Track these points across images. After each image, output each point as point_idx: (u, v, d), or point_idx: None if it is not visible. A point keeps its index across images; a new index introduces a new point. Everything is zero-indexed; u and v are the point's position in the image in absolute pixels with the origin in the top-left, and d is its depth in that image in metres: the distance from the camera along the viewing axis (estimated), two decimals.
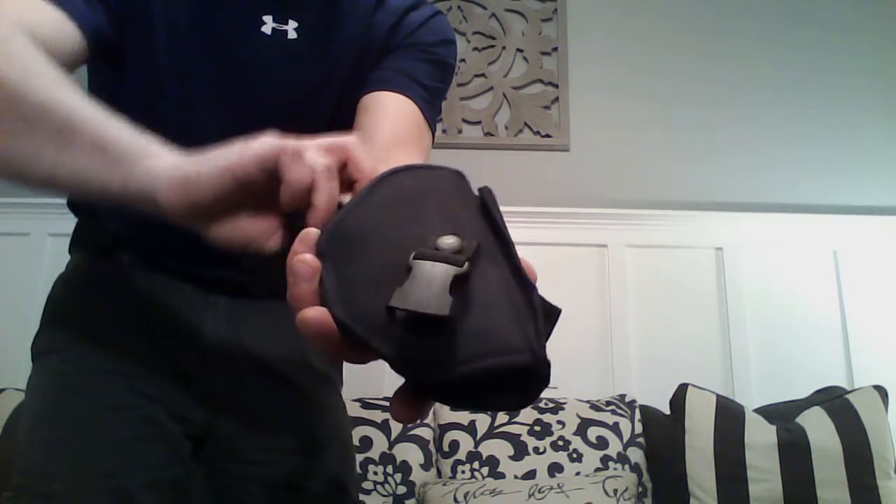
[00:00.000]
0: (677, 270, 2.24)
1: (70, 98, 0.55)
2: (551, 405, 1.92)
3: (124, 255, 0.83)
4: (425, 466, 1.83)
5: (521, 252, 0.38)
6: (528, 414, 1.89)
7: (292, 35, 0.80)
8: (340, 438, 0.91)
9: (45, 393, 0.79)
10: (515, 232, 0.40)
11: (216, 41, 0.78)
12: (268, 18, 0.79)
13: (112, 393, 0.78)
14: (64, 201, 0.85)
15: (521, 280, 0.37)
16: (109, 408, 0.77)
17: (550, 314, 0.38)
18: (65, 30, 0.67)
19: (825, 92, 2.44)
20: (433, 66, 0.84)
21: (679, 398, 1.88)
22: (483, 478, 1.79)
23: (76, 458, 0.74)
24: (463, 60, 2.46)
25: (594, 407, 1.92)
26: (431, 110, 0.82)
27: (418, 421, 0.48)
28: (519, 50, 2.49)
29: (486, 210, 0.43)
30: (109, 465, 0.75)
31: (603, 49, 2.48)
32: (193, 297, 0.83)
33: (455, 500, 1.65)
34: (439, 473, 1.85)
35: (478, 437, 1.85)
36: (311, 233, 0.42)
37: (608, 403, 1.95)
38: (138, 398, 0.78)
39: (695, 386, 1.89)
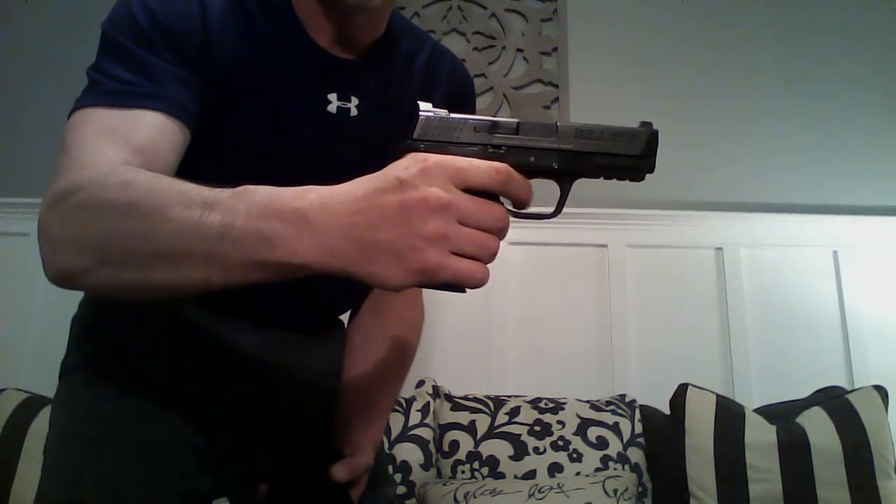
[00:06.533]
0: (677, 270, 2.24)
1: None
2: (551, 405, 1.92)
3: None
4: (425, 466, 1.83)
5: (522, 252, 0.38)
6: (528, 414, 1.89)
7: (354, 112, 0.79)
8: None
9: (73, 407, 0.79)
10: (516, 232, 0.40)
11: (283, 120, 0.76)
12: (332, 97, 0.78)
13: (141, 403, 0.77)
14: None
15: None
16: (138, 417, 0.77)
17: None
18: (168, 128, 0.67)
19: (825, 92, 2.43)
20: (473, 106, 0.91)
21: (679, 398, 1.87)
22: (483, 478, 1.78)
23: (106, 466, 0.74)
24: (463, 60, 2.45)
25: (594, 407, 1.92)
26: None
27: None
28: (519, 50, 2.49)
29: None
30: (139, 472, 0.75)
31: (603, 49, 2.48)
32: (223, 317, 0.83)
33: (455, 500, 1.65)
34: (439, 473, 1.85)
35: (478, 437, 1.85)
36: None
37: (608, 403, 1.95)
38: (167, 408, 0.78)
39: (695, 386, 1.89)
